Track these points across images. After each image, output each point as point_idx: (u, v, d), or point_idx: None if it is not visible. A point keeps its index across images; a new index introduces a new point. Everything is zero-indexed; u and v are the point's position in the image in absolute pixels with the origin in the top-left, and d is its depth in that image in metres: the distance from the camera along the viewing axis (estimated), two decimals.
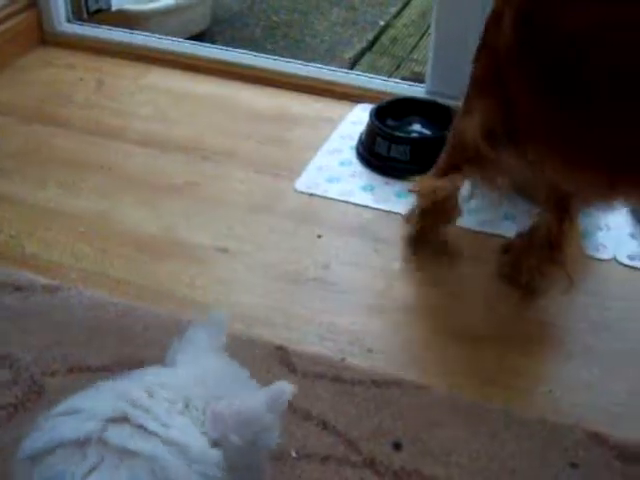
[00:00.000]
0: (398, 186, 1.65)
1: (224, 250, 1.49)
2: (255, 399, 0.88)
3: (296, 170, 1.69)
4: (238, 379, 0.96)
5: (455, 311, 1.38)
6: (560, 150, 1.22)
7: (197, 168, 1.72)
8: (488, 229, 1.55)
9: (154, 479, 0.80)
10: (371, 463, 1.10)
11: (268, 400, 0.88)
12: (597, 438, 1.16)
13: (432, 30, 1.84)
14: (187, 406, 0.87)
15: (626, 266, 1.48)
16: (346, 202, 1.61)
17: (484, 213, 1.53)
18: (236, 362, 0.98)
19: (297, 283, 1.43)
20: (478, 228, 1.55)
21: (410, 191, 1.49)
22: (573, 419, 1.19)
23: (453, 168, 1.39)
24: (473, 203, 1.53)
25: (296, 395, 0.88)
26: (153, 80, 2.05)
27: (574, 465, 1.12)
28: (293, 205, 1.61)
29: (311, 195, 1.63)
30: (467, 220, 1.53)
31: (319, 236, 1.53)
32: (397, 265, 1.47)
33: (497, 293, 1.42)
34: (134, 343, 1.29)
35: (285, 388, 0.88)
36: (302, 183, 1.65)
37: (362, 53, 2.64)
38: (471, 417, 1.18)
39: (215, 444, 0.86)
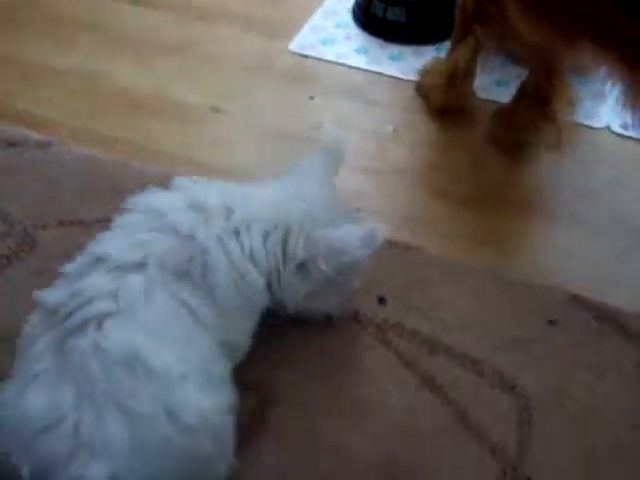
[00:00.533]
0: (392, 49, 1.63)
1: (217, 110, 1.49)
2: (350, 234, 0.95)
3: (291, 31, 1.67)
4: (334, 206, 1.01)
5: (446, 174, 1.39)
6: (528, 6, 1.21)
7: (191, 27, 1.69)
8: (482, 95, 1.54)
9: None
10: (354, 314, 1.14)
11: (362, 237, 0.94)
12: (576, 299, 1.19)
13: None
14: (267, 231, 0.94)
15: (618, 135, 1.48)
16: (340, 64, 1.59)
17: (478, 79, 1.51)
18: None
19: (288, 141, 1.42)
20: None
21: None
22: (555, 281, 1.22)
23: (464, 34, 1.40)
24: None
25: None
26: None
27: (552, 322, 1.16)
28: (287, 66, 1.59)
29: (305, 57, 1.61)
30: None
31: (311, 97, 1.52)
32: (389, 127, 1.47)
33: (488, 157, 1.42)
34: (126, 199, 1.31)
35: (379, 229, 0.95)
36: (296, 44, 1.63)
37: None
38: (457, 276, 1.21)
39: (301, 265, 0.94)
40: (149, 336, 0.84)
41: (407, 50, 1.63)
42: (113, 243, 0.93)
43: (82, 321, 0.84)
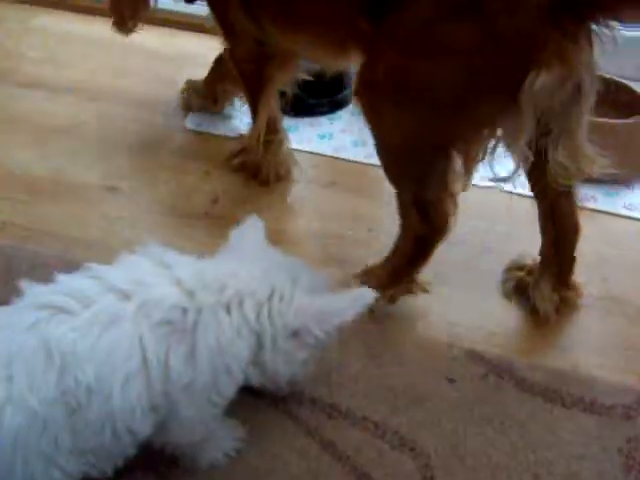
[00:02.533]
0: (289, 121, 1.65)
1: (111, 189, 1.49)
2: (339, 299, 0.98)
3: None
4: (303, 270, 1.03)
5: (337, 242, 1.41)
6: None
7: (86, 109, 1.71)
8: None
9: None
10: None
11: (351, 301, 0.97)
12: (472, 354, 1.21)
13: None
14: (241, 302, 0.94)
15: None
16: (233, 138, 1.62)
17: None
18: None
19: (186, 218, 1.44)
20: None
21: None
22: (450, 338, 1.24)
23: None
24: None
25: None
26: (43, 22, 2.01)
27: (451, 380, 1.17)
28: (182, 142, 1.61)
29: (200, 133, 1.64)
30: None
31: (206, 172, 1.54)
32: (287, 200, 1.50)
33: (380, 223, 1.45)
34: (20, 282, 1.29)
35: (367, 293, 0.98)
36: (192, 121, 1.66)
37: None
38: (351, 339, 1.20)
39: (294, 333, 0.95)
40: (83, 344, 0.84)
41: (304, 122, 1.68)
42: (115, 271, 0.94)
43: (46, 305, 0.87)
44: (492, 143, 1.15)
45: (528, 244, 1.40)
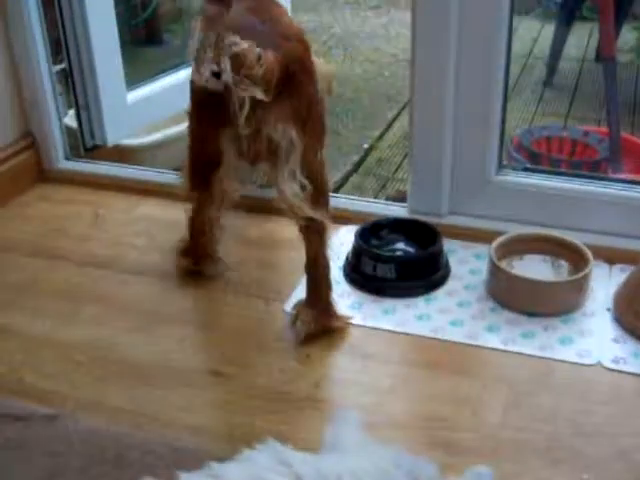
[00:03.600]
0: (385, 303, 1.71)
1: (217, 374, 1.53)
2: None
3: (285, 293, 1.75)
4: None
5: (442, 425, 1.41)
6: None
7: (189, 294, 1.78)
8: None
9: None
10: None
11: None
12: None
13: (409, 151, 1.93)
14: None
15: (611, 370, 1.52)
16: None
17: None
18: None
19: (288, 402, 1.46)
20: None
21: None
22: None
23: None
24: None
25: None
26: (146, 211, 2.13)
27: None
28: (282, 326, 1.66)
29: None
30: None
31: (308, 355, 1.57)
32: (387, 383, 1.50)
33: (486, 404, 1.45)
34: (131, 471, 1.32)
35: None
36: (291, 304, 1.71)
37: (347, 176, 2.75)
38: None
39: None
40: None
41: (399, 303, 1.71)
42: (236, 470, 0.97)
43: None
44: None
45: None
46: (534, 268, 1.76)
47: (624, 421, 1.41)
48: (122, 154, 2.42)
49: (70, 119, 2.38)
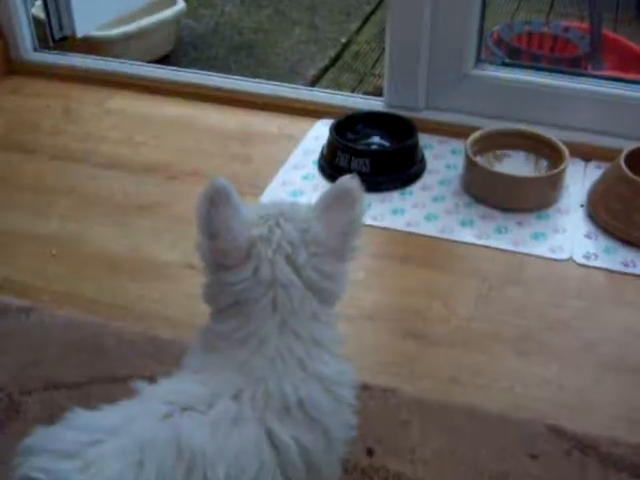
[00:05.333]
0: None
1: (192, 267, 1.53)
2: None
3: (260, 186, 1.74)
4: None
5: (415, 316, 1.43)
6: None
7: (164, 188, 1.77)
8: (448, 235, 1.61)
9: None
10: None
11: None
12: (556, 431, 1.21)
13: (386, 45, 1.90)
14: None
15: (582, 265, 1.54)
16: None
17: (441, 220, 1.59)
18: None
19: None
20: None
21: None
22: (532, 414, 1.24)
23: None
24: None
25: None
26: (119, 104, 2.10)
27: (534, 457, 1.18)
28: None
29: None
30: None
31: None
32: (361, 275, 1.51)
33: (456, 295, 1.47)
34: (108, 360, 1.33)
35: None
36: (266, 198, 1.70)
37: (325, 70, 2.70)
38: (434, 415, 1.23)
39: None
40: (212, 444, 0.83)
41: (374, 197, 1.71)
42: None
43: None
44: None
45: (607, 320, 1.42)
46: (510, 164, 1.76)
47: (592, 316, 1.44)
48: (92, 46, 2.36)
49: (38, 9, 2.31)
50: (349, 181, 0.92)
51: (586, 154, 1.82)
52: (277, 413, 0.87)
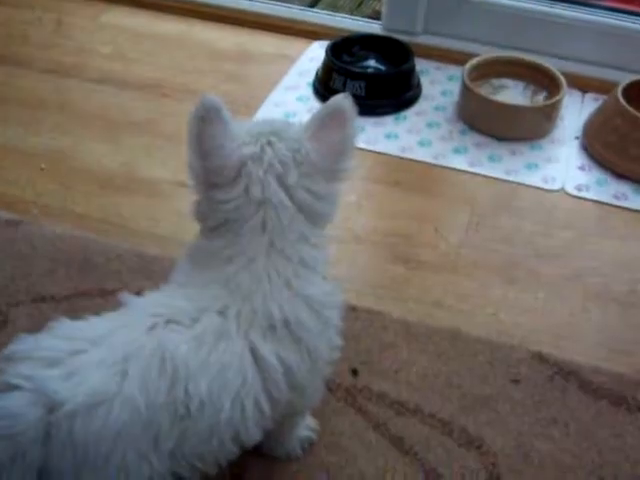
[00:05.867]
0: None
1: (183, 184, 1.51)
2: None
3: (254, 106, 1.72)
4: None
5: (405, 240, 1.43)
6: None
7: (156, 105, 1.74)
8: (442, 162, 1.60)
9: None
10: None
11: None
12: (539, 357, 1.22)
13: None
14: None
15: (573, 196, 1.54)
16: None
17: (435, 147, 1.58)
18: None
19: None
20: None
21: None
22: (517, 340, 1.26)
23: None
24: None
25: None
26: (113, 19, 2.06)
27: (516, 381, 1.19)
28: None
29: None
30: None
31: None
32: (353, 198, 1.51)
33: (446, 223, 1.47)
34: (96, 274, 1.33)
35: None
36: (259, 119, 1.68)
37: None
38: (420, 338, 1.24)
39: None
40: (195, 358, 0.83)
41: (368, 121, 1.69)
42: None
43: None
44: None
45: (596, 250, 1.42)
46: (507, 93, 1.74)
47: (581, 246, 1.44)
48: None
49: None
50: (341, 100, 0.90)
51: (584, 85, 1.80)
52: (262, 331, 0.87)
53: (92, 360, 0.81)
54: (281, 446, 1.07)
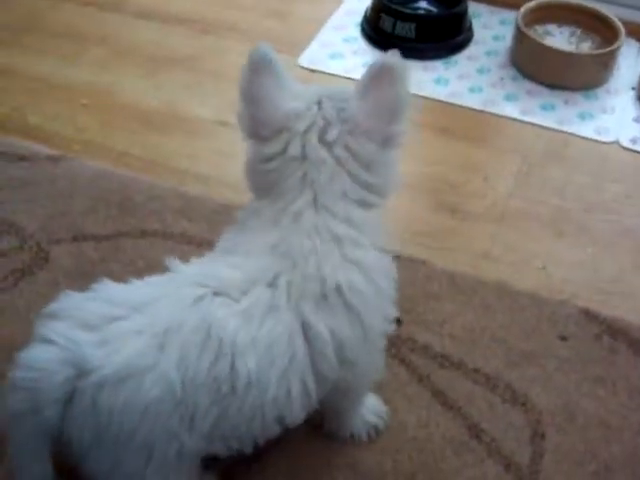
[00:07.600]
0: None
1: (224, 123, 1.49)
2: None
3: (299, 45, 1.68)
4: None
5: (452, 189, 1.40)
6: None
7: (198, 41, 1.70)
8: (491, 109, 1.55)
9: None
10: None
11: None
12: (587, 314, 1.19)
13: None
14: None
15: (627, 149, 1.49)
16: (348, 78, 1.59)
17: (485, 93, 1.52)
18: None
19: None
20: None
21: None
22: (565, 295, 1.22)
23: None
24: None
25: None
26: None
27: (563, 338, 1.16)
28: (295, 78, 1.59)
29: (313, 71, 1.62)
30: None
31: None
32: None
33: (494, 173, 1.43)
34: (136, 214, 1.31)
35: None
36: (305, 58, 1.64)
37: None
38: (465, 290, 1.21)
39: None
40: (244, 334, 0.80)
41: (417, 65, 1.64)
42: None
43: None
44: None
45: None
46: (551, 39, 1.67)
47: (633, 201, 1.39)
48: None
49: None
50: (390, 57, 0.85)
51: None
52: (313, 301, 0.83)
53: (130, 328, 0.78)
54: (344, 427, 1.03)
